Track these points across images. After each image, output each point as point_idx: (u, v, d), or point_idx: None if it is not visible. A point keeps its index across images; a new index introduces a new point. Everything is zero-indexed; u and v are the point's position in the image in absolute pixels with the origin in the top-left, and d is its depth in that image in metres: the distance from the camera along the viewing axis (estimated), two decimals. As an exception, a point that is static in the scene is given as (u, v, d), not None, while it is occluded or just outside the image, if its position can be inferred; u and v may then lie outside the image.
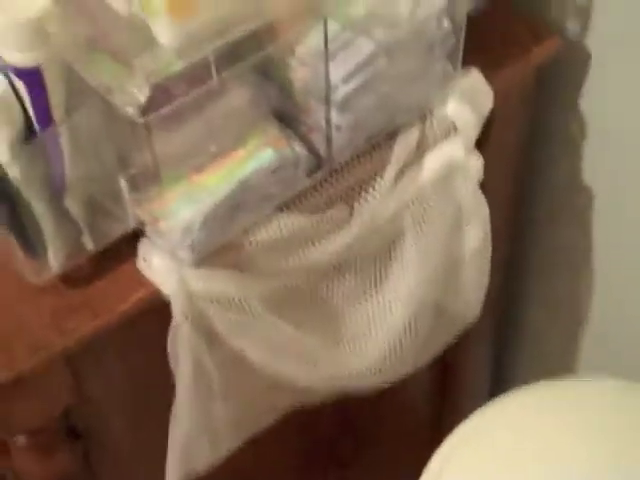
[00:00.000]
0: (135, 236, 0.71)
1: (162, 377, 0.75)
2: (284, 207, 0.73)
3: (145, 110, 0.59)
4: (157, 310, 0.70)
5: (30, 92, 0.59)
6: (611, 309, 0.99)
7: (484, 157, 0.82)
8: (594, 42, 0.89)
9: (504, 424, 0.72)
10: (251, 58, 0.64)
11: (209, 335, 0.73)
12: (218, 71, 0.61)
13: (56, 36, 0.58)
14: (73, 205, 0.66)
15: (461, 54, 0.78)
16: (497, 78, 0.81)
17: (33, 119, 0.61)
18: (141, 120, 0.58)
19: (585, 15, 0.88)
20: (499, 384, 1.15)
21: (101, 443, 0.80)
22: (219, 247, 0.70)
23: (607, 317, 1.00)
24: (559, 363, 1.08)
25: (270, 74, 0.71)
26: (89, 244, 0.68)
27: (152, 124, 0.60)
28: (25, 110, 0.60)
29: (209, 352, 0.73)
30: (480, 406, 0.81)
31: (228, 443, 0.81)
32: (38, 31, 0.56)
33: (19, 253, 0.66)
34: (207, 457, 0.81)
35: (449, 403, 1.09)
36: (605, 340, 1.01)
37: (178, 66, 0.60)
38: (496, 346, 1.11)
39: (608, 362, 1.01)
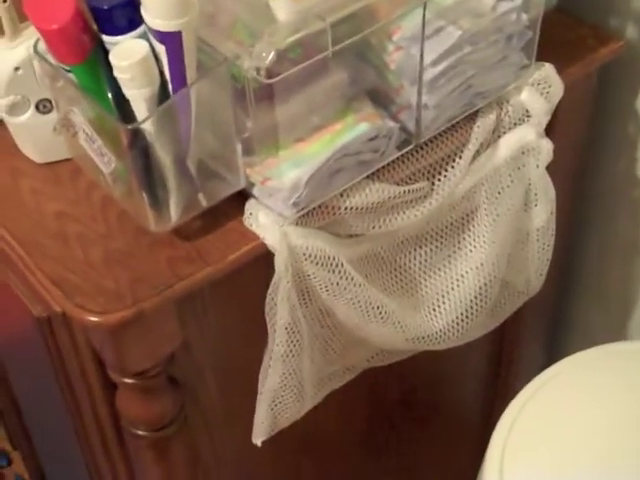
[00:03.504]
0: (238, 198, 0.79)
1: (252, 336, 0.82)
2: (375, 177, 0.81)
3: (270, 73, 0.67)
4: (255, 266, 0.78)
5: (170, 55, 0.67)
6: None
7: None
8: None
9: (573, 378, 0.79)
10: (357, 34, 0.72)
11: (302, 291, 0.80)
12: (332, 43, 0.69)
13: (194, 6, 0.67)
14: (192, 164, 0.75)
15: (536, 47, 0.85)
16: (565, 74, 0.89)
17: (168, 81, 0.69)
18: (268, 81, 0.66)
19: (644, 21, 0.96)
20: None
21: (195, 398, 0.87)
22: (316, 209, 0.78)
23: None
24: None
25: (366, 56, 0.79)
26: (203, 201, 0.76)
27: (275, 87, 0.68)
28: (162, 73, 0.69)
29: (302, 307, 0.80)
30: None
31: (311, 399, 0.88)
32: (183, 1, 0.65)
33: (143, 204, 0.74)
34: (292, 412, 0.87)
35: (502, 383, 1.16)
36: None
37: (297, 37, 0.68)
38: (549, 331, 1.18)
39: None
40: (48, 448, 1.21)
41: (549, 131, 0.91)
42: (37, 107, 0.80)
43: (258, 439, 0.88)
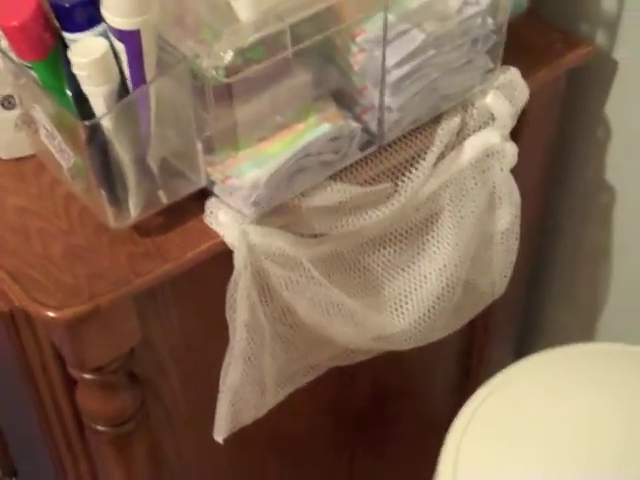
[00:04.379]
0: (200, 196, 0.79)
1: (214, 333, 0.82)
2: (337, 177, 0.81)
3: (229, 73, 0.67)
4: (217, 264, 0.78)
5: (129, 53, 0.67)
6: (628, 302, 1.07)
7: (517, 147, 0.90)
8: (620, 52, 0.97)
9: (529, 379, 0.79)
10: (319, 35, 0.72)
11: (263, 289, 0.80)
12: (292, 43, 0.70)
13: (153, 6, 0.67)
14: (153, 162, 0.75)
15: (501, 52, 0.86)
16: (532, 78, 0.90)
17: (128, 79, 0.69)
18: (226, 80, 0.67)
19: (613, 28, 0.97)
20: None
21: (158, 395, 0.87)
22: (277, 208, 0.78)
23: (623, 310, 1.08)
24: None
25: (331, 58, 0.79)
26: (163, 198, 0.77)
27: (234, 86, 0.68)
28: (121, 70, 0.69)
29: (262, 305, 0.81)
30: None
31: (273, 397, 0.88)
32: (141, 0, 0.65)
33: (102, 201, 0.74)
34: (253, 409, 0.87)
35: (472, 385, 1.16)
36: (621, 331, 1.09)
37: (256, 37, 0.69)
38: (518, 333, 1.18)
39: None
40: (19, 445, 1.21)
41: (517, 135, 0.91)
42: (2, 103, 0.80)
43: (219, 436, 0.88)
